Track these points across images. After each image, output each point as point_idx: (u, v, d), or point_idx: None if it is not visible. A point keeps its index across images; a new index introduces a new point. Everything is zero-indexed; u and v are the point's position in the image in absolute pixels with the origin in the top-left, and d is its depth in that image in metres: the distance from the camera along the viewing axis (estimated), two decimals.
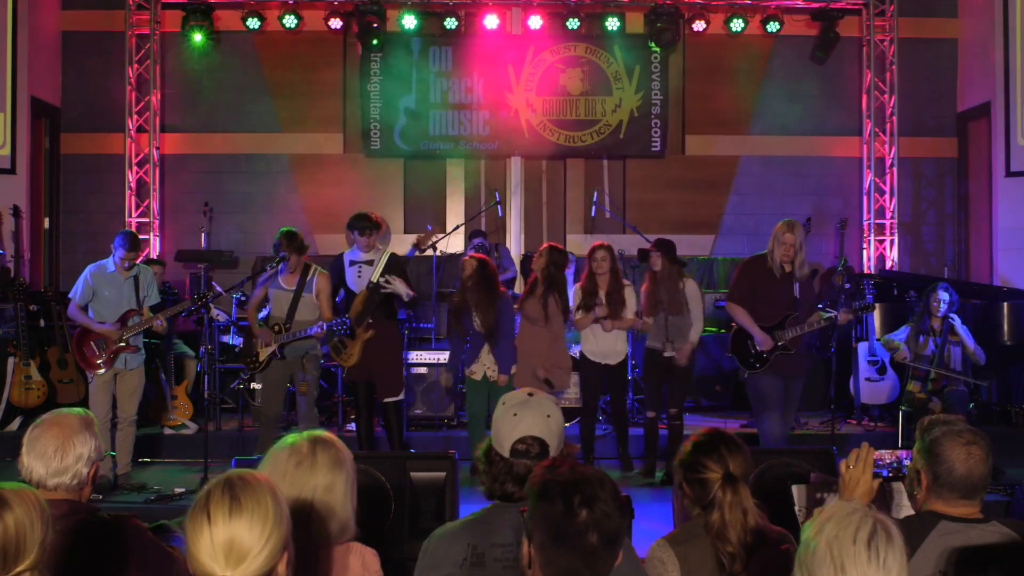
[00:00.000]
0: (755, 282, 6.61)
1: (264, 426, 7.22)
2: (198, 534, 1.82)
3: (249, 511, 1.83)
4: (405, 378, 7.94)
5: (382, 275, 6.93)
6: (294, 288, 6.96)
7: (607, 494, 2.01)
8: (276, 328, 6.96)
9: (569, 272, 8.87)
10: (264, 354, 6.97)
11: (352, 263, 7.13)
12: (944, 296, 7.69)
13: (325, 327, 6.82)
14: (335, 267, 7.18)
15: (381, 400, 7.15)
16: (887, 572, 1.84)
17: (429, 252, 8.81)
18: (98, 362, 6.82)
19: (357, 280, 7.08)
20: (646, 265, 7.64)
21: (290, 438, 2.46)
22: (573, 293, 7.56)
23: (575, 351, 7.73)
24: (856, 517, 1.88)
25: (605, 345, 7.40)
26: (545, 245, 7.52)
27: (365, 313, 6.96)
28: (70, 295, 6.96)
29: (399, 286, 6.89)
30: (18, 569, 1.82)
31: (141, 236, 10.47)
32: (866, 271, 10.66)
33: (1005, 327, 8.89)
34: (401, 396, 7.25)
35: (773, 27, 10.78)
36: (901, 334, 7.93)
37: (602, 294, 7.32)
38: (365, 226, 7.03)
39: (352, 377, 7.19)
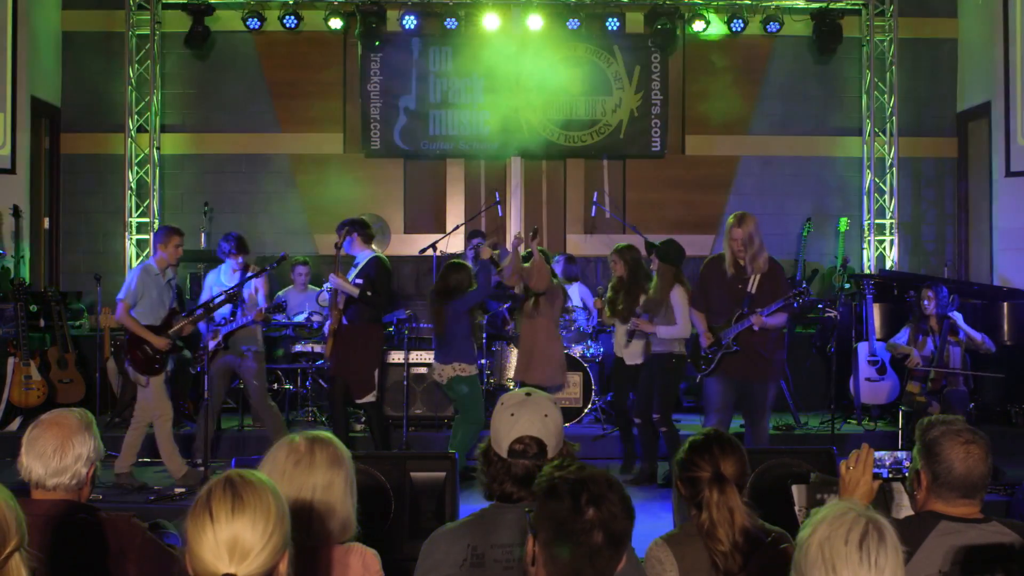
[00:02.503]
0: (707, 283, 6.54)
1: (203, 416, 7.31)
2: (201, 532, 1.82)
3: (252, 508, 1.83)
4: (404, 378, 7.96)
5: (357, 275, 7.16)
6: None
7: (615, 495, 2.02)
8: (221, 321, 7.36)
9: (557, 268, 8.87)
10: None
11: (353, 265, 7.30)
12: (930, 294, 7.69)
13: (263, 311, 7.22)
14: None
15: (355, 401, 7.34)
16: (879, 572, 1.84)
17: (429, 252, 8.83)
18: (155, 367, 6.80)
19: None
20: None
21: (289, 437, 2.47)
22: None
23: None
24: (848, 518, 1.88)
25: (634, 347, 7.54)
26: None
27: (333, 309, 7.24)
28: (119, 297, 6.82)
29: (341, 282, 7.08)
30: (8, 550, 1.82)
31: (141, 236, 10.52)
32: (866, 271, 10.66)
33: (1005, 327, 8.89)
34: (370, 398, 7.25)
35: (773, 27, 10.78)
36: (902, 336, 7.91)
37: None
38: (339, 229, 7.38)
39: (328, 373, 7.50)
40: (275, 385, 8.95)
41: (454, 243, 10.07)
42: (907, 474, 2.80)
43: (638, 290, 7.31)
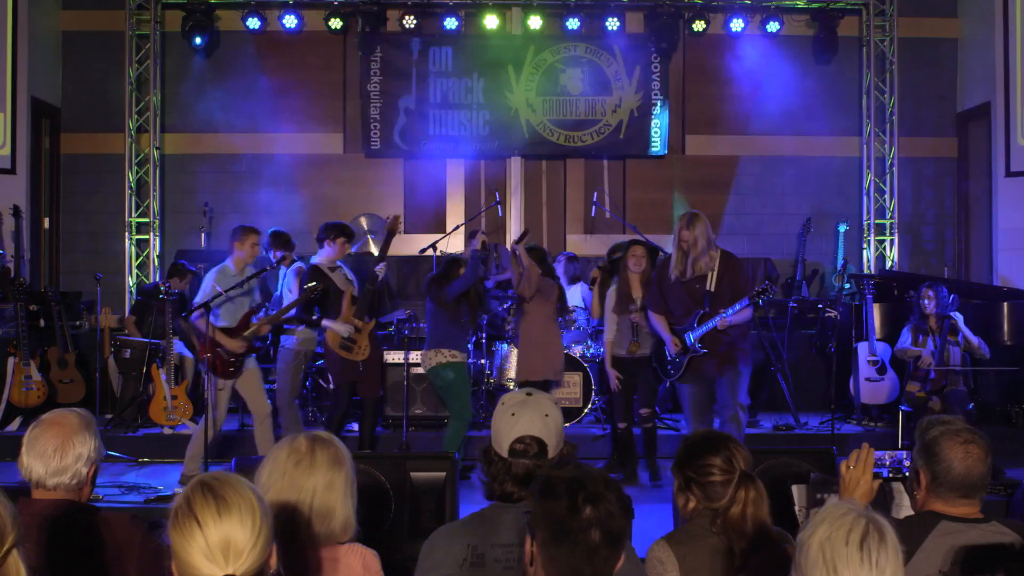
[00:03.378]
0: (664, 284, 6.39)
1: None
2: (189, 540, 1.82)
3: (237, 507, 1.84)
4: (404, 378, 7.98)
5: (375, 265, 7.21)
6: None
7: (612, 494, 2.02)
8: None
9: (558, 268, 8.87)
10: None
11: (332, 269, 7.18)
12: (930, 293, 7.68)
13: (271, 312, 7.17)
14: (317, 275, 7.12)
15: (372, 399, 7.30)
16: (880, 573, 1.84)
17: (429, 252, 8.84)
18: (230, 370, 6.79)
19: (345, 280, 7.20)
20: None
21: (290, 437, 2.47)
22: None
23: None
24: (849, 518, 1.88)
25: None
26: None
27: (363, 306, 7.12)
28: (194, 302, 6.81)
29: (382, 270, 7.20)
30: (6, 547, 1.82)
31: (141, 236, 10.53)
32: (866, 271, 10.67)
33: (1005, 327, 8.88)
34: (382, 392, 7.59)
35: (773, 27, 10.78)
36: (905, 340, 7.87)
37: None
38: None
39: (346, 377, 7.21)
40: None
41: (454, 243, 10.06)
42: (907, 474, 2.80)
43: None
